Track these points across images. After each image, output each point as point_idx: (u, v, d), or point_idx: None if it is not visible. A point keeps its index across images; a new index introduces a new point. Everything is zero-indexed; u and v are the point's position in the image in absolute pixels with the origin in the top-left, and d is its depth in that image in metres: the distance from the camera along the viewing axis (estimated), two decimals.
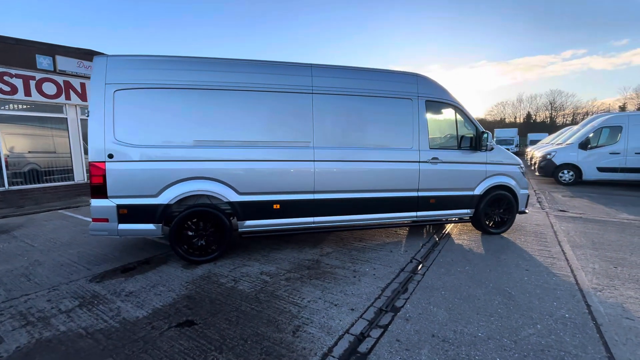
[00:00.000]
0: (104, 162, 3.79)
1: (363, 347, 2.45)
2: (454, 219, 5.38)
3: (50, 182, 8.51)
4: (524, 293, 3.28)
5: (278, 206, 4.30)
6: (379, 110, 4.67)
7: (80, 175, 8.89)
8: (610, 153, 10.50)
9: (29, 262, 4.24)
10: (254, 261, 4.20)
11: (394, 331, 2.64)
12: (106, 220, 3.86)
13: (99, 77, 3.81)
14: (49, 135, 8.61)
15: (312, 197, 4.40)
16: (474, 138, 5.05)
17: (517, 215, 5.49)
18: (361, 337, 2.57)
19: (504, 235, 5.34)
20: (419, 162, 4.79)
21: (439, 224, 5.78)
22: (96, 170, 3.79)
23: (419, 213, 4.94)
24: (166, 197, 3.93)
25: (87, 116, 3.81)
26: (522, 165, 5.53)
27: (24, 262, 4.24)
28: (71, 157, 8.74)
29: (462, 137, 5.04)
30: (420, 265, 4.04)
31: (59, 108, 8.53)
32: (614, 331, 2.61)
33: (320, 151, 4.37)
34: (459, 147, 5.04)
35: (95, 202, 3.83)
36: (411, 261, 4.18)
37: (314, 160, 4.35)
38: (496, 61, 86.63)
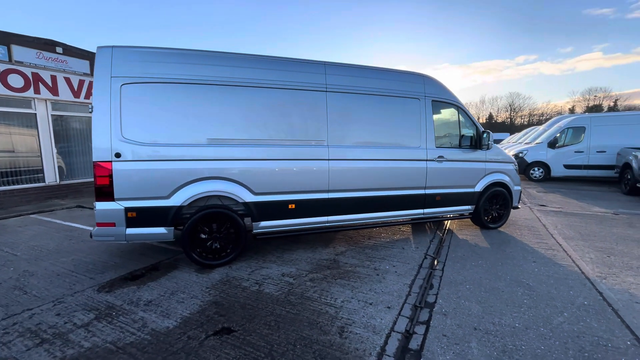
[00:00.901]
0: (110, 161, 3.50)
1: (413, 344, 2.47)
2: (456, 215, 5.56)
3: (17, 183, 7.73)
4: (540, 284, 3.47)
5: (293, 206, 4.22)
6: (389, 109, 4.73)
7: (51, 177, 8.15)
8: (575, 152, 11.41)
9: (18, 273, 3.82)
10: (270, 263, 4.09)
11: (437, 327, 2.69)
12: (112, 224, 3.57)
13: (104, 70, 3.50)
14: (9, 133, 7.78)
15: (327, 196, 4.37)
16: (475, 137, 5.27)
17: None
18: (407, 335, 2.59)
19: (501, 229, 5.62)
20: (427, 160, 4.91)
21: (438, 221, 5.97)
22: (101, 171, 3.49)
23: (426, 210, 5.07)
24: (179, 199, 3.71)
25: (91, 112, 3.49)
26: (516, 163, 5.86)
27: (12, 273, 3.82)
28: (41, 156, 7.98)
29: (464, 136, 5.24)
30: (436, 261, 4.15)
31: (26, 103, 7.74)
32: (631, 315, 2.84)
33: (334, 150, 4.34)
34: (461, 146, 5.23)
35: (101, 205, 3.53)
36: (425, 257, 4.28)
37: (328, 159, 4.31)
38: (457, 64, 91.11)
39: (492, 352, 2.37)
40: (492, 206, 5.61)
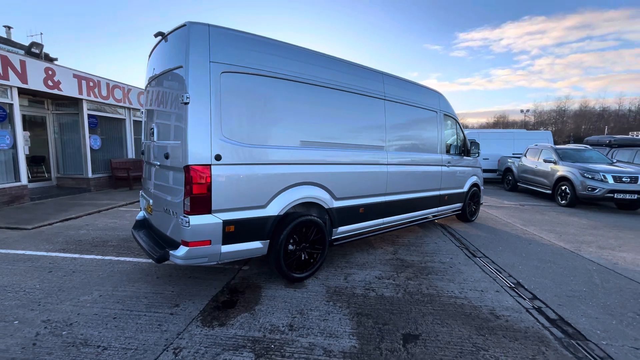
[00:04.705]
0: (209, 165, 2.86)
1: (550, 314, 3.03)
2: (449, 212, 6.53)
3: None
4: (555, 258, 4.61)
5: (362, 210, 4.28)
6: (421, 119, 5.30)
7: None
8: None
9: (36, 326, 2.63)
10: (348, 269, 4.03)
11: (547, 299, 3.34)
12: (208, 242, 2.91)
13: (201, 52, 2.84)
14: None
15: (384, 199, 4.58)
16: (466, 146, 6.38)
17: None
18: (538, 309, 3.15)
19: (475, 221, 6.93)
20: (441, 165, 5.70)
21: (429, 220, 6.87)
22: (199, 177, 2.81)
23: (439, 208, 5.84)
24: (276, 207, 3.31)
25: (187, 102, 2.77)
26: (481, 167, 7.32)
27: (28, 327, 2.60)
28: None
29: (459, 145, 6.28)
30: (469, 251, 4.91)
31: None
32: (623, 271, 4.16)
33: (391, 154, 4.60)
34: (457, 153, 6.24)
35: (196, 220, 2.83)
36: (461, 248, 5.00)
37: (387, 164, 4.54)
38: None
39: (601, 308, 3.15)
40: (471, 203, 6.86)
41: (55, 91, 7.85)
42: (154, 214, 3.57)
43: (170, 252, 2.91)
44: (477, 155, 6.54)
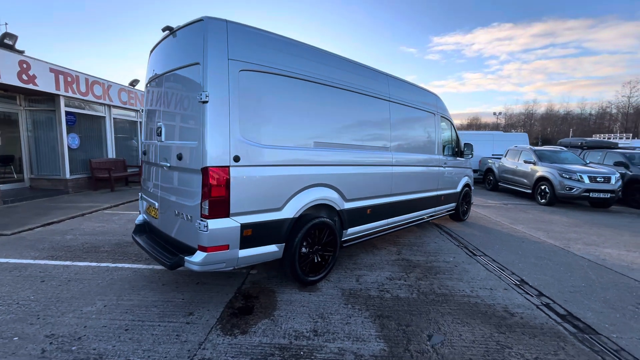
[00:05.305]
0: (228, 166, 2.75)
1: (559, 310, 3.16)
2: (445, 212, 6.68)
3: None
4: (550, 256, 4.82)
5: (369, 211, 4.28)
6: (421, 120, 5.38)
7: None
8: None
9: (39, 342, 2.42)
10: (356, 270, 4.01)
11: (554, 295, 3.48)
12: (226, 247, 2.79)
13: (219, 49, 2.71)
14: None
15: (390, 200, 4.61)
16: (459, 147, 6.55)
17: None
18: (547, 305, 3.27)
19: (467, 220, 7.13)
20: (439, 165, 5.81)
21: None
22: (218, 179, 2.69)
23: (436, 208, 5.96)
24: (292, 210, 3.23)
25: (205, 101, 2.64)
26: (472, 168, 7.54)
27: (31, 343, 2.38)
28: None
29: (454, 146, 6.44)
30: (470, 249, 5.04)
31: None
32: (612, 266, 4.42)
33: (396, 155, 4.63)
34: (452, 154, 6.39)
35: (215, 224, 2.70)
36: (461, 247, 5.12)
37: (392, 165, 4.57)
38: None
39: (603, 303, 3.32)
40: (463, 202, 7.05)
41: (31, 86, 7.31)
42: (160, 218, 3.39)
43: (186, 258, 2.77)
44: (470, 156, 6.73)
